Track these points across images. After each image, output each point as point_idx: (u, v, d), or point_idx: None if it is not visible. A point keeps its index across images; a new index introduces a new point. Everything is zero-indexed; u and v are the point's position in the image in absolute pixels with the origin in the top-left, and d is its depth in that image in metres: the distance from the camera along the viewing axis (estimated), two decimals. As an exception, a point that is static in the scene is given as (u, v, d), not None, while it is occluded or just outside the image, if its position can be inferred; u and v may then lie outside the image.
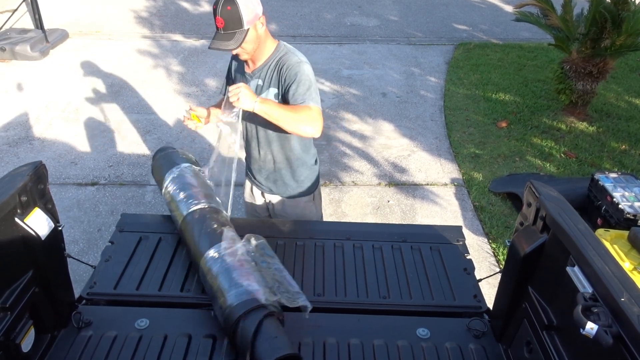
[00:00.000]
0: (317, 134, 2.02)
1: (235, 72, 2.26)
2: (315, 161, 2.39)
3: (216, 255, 1.72)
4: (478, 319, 1.76)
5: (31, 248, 1.52)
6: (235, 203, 2.08)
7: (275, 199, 2.39)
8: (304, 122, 1.97)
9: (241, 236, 1.84)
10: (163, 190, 2.10)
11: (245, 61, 2.15)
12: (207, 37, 7.11)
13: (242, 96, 1.86)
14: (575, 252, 1.30)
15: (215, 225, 1.84)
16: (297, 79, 2.02)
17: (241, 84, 1.90)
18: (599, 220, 3.26)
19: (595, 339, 1.11)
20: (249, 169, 2.43)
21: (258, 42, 2.03)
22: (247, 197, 2.51)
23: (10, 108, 5.09)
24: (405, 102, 5.51)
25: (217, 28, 1.94)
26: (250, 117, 2.16)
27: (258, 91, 2.12)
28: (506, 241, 1.95)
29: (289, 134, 2.14)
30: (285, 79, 2.05)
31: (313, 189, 2.40)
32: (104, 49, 6.62)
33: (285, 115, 1.95)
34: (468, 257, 2.05)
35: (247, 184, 2.49)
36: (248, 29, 1.95)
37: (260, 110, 1.90)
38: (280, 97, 2.10)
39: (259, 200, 2.46)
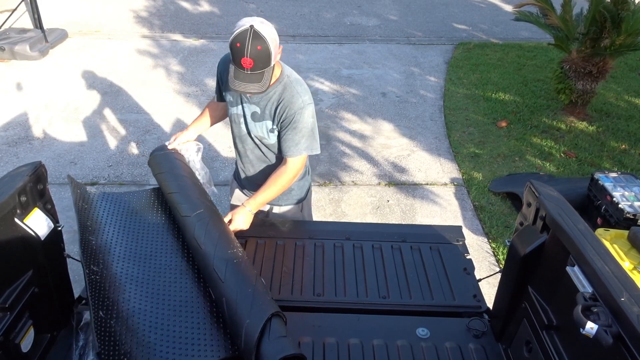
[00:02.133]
0: (299, 174, 2.16)
1: (229, 87, 2.08)
2: (306, 172, 2.34)
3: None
4: (478, 319, 1.76)
5: (31, 248, 1.52)
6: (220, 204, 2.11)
7: (264, 207, 2.36)
8: (287, 183, 2.08)
9: (241, 237, 1.84)
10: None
11: None
12: (206, 37, 7.11)
13: (240, 226, 1.99)
14: (575, 252, 1.30)
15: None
16: (295, 126, 1.97)
17: (234, 219, 1.99)
18: (598, 220, 3.26)
19: (595, 339, 1.11)
20: (237, 177, 2.38)
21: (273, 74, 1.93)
22: (235, 202, 2.45)
23: (10, 108, 5.09)
24: (404, 101, 5.51)
25: (242, 67, 1.77)
26: (241, 137, 2.14)
27: (255, 118, 2.04)
28: (506, 241, 1.95)
29: (280, 158, 2.13)
30: (282, 120, 1.98)
31: (302, 199, 2.36)
32: (103, 48, 6.62)
33: (273, 194, 2.07)
34: (468, 257, 2.06)
35: (236, 190, 2.43)
36: (274, 65, 1.84)
37: (255, 211, 2.06)
38: (276, 132, 2.05)
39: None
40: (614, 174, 3.39)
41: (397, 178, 4.22)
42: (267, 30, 1.78)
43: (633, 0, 4.59)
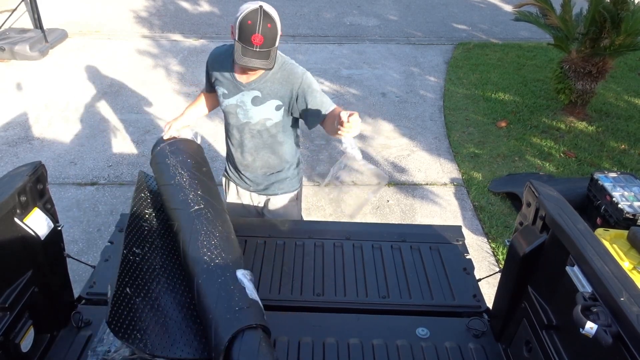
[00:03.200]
0: (295, 162, 2.28)
1: (222, 78, 2.14)
2: (299, 162, 2.39)
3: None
4: (477, 319, 1.76)
5: (31, 248, 1.52)
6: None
7: (261, 198, 2.40)
8: None
9: (241, 237, 1.84)
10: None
11: (236, 70, 2.07)
12: (206, 37, 7.11)
13: (357, 126, 1.80)
14: (575, 252, 1.30)
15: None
16: (312, 89, 2.03)
17: (355, 114, 1.77)
18: (598, 220, 3.27)
19: (594, 339, 1.11)
20: (233, 171, 2.39)
21: None
22: (232, 199, 2.47)
23: (10, 108, 5.09)
24: (404, 102, 5.51)
25: (252, 44, 1.81)
26: (239, 127, 2.16)
27: (256, 103, 2.07)
28: (506, 241, 1.95)
29: (281, 142, 2.19)
30: (294, 91, 2.03)
31: (297, 188, 2.42)
32: (103, 48, 6.62)
33: None
34: (467, 257, 2.06)
35: (231, 185, 2.44)
36: (277, 46, 1.90)
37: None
38: (284, 109, 2.09)
39: (246, 200, 2.45)
40: (613, 174, 3.39)
41: (397, 178, 4.22)
42: (274, 11, 1.86)
43: (632, 0, 4.60)
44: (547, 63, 6.41)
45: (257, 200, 2.42)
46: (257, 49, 1.82)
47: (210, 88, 2.25)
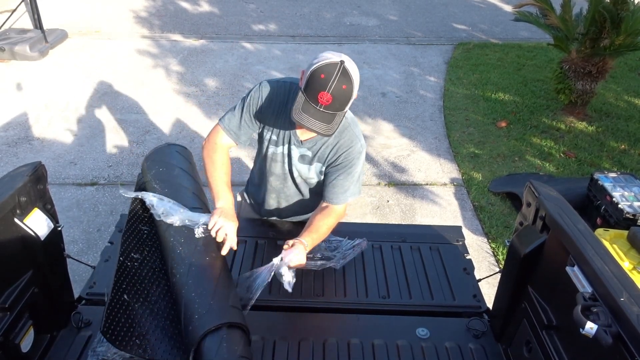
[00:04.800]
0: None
1: (279, 122, 1.84)
2: None
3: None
4: (478, 319, 1.76)
5: (30, 248, 1.52)
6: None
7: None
8: (332, 228, 1.88)
9: (242, 237, 1.83)
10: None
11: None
12: (206, 37, 7.11)
13: (298, 262, 1.67)
14: (575, 252, 1.30)
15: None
16: (350, 172, 1.82)
17: (291, 255, 1.65)
18: (598, 220, 3.26)
19: (594, 339, 1.11)
20: (259, 206, 2.21)
21: None
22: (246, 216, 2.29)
23: (10, 108, 5.09)
24: (404, 102, 5.51)
25: (317, 102, 1.56)
26: (279, 177, 1.98)
27: (303, 161, 1.88)
28: (506, 241, 1.95)
29: (310, 197, 2.04)
30: (337, 163, 1.83)
31: None
32: (103, 49, 6.62)
33: (323, 235, 1.84)
34: (468, 257, 2.06)
35: (248, 208, 2.29)
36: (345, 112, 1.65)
37: (309, 247, 1.75)
38: (321, 172, 1.91)
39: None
40: (613, 174, 3.39)
41: (397, 178, 4.22)
42: (355, 71, 1.61)
43: (632, 0, 4.60)
44: (547, 63, 6.41)
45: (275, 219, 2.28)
46: (322, 109, 1.57)
47: (247, 134, 1.91)
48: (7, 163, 4.24)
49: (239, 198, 2.32)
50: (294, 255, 1.66)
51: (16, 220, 1.47)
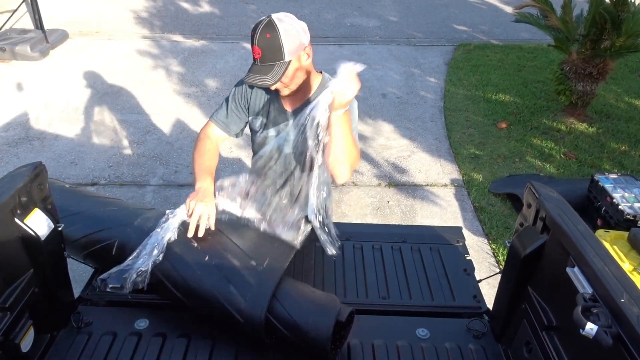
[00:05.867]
0: (344, 179, 1.75)
1: (263, 107, 1.90)
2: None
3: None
4: (478, 320, 1.76)
5: (31, 248, 1.52)
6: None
7: None
8: (351, 160, 1.72)
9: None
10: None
11: (280, 95, 1.84)
12: (207, 37, 7.12)
13: (353, 90, 1.54)
14: (575, 253, 1.30)
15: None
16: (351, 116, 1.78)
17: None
18: (598, 221, 3.26)
19: (594, 340, 1.11)
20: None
21: (302, 76, 1.76)
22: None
23: (10, 108, 5.09)
24: (405, 102, 5.51)
25: (254, 59, 1.67)
26: (283, 160, 1.93)
27: (301, 131, 1.82)
28: (506, 242, 1.95)
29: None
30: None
31: None
32: (103, 49, 6.62)
33: (349, 141, 1.67)
34: (468, 258, 2.06)
35: None
36: (290, 61, 1.67)
37: (341, 118, 1.61)
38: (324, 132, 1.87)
39: None
40: (614, 175, 3.39)
41: (397, 179, 4.22)
42: (286, 22, 1.64)
43: (633, 1, 4.60)
44: (547, 64, 6.42)
45: None
46: (259, 64, 1.66)
47: (237, 124, 1.95)
48: (8, 163, 4.24)
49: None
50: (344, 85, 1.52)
51: (16, 220, 1.47)
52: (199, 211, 1.66)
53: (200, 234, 1.66)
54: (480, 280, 1.96)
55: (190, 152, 4.44)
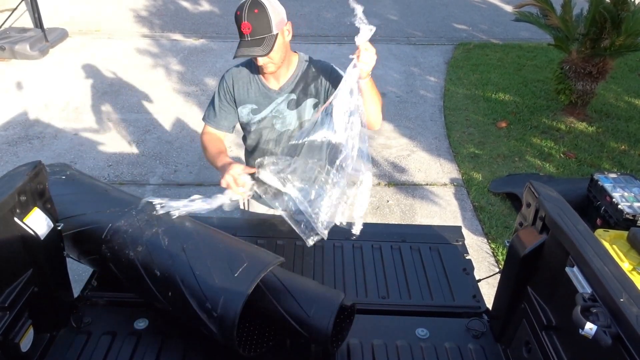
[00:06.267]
0: (380, 125, 1.94)
1: (248, 93, 1.99)
2: None
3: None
4: (477, 319, 1.76)
5: (30, 248, 1.52)
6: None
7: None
8: (380, 108, 1.89)
9: (243, 238, 1.83)
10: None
11: (263, 77, 1.94)
12: (206, 36, 7.11)
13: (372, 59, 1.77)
14: (575, 253, 1.30)
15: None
16: (342, 76, 1.93)
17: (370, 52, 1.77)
18: (598, 221, 3.26)
19: (594, 340, 1.11)
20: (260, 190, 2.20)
21: (285, 52, 1.88)
22: (253, 213, 2.31)
23: (10, 107, 5.09)
24: (404, 102, 5.51)
25: (243, 35, 1.77)
26: (276, 139, 2.02)
27: (292, 106, 1.97)
28: (505, 241, 1.95)
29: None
30: (325, 81, 1.96)
31: None
32: (103, 48, 6.62)
33: (377, 97, 1.85)
34: (467, 257, 2.05)
35: (253, 203, 2.27)
36: (277, 34, 1.80)
37: (369, 83, 1.78)
38: (317, 105, 1.98)
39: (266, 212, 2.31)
40: (613, 175, 3.39)
41: (396, 178, 4.22)
42: (270, 0, 1.80)
43: (633, 0, 4.60)
44: (547, 63, 6.41)
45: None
46: (249, 38, 1.77)
47: (228, 119, 2.04)
48: (7, 162, 4.24)
49: (241, 202, 2.31)
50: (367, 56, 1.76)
51: (16, 219, 1.47)
52: (229, 179, 1.76)
53: (241, 196, 1.78)
54: (479, 280, 1.96)
55: (189, 152, 4.44)
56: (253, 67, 1.97)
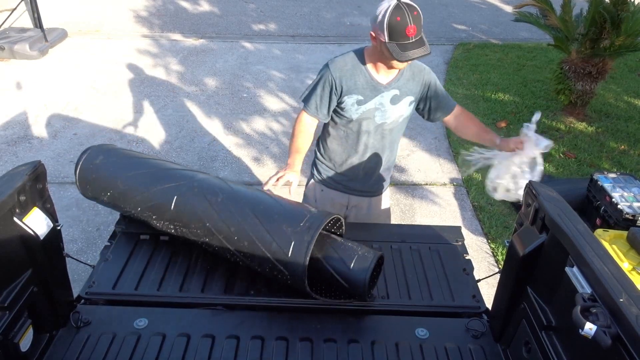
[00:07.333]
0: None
1: (356, 85, 2.05)
2: None
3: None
4: (477, 319, 1.76)
5: (30, 248, 1.52)
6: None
7: (363, 201, 2.39)
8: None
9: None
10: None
11: (374, 69, 2.04)
12: (206, 36, 7.11)
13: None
14: (574, 253, 1.30)
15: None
16: (437, 80, 2.17)
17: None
18: (597, 221, 3.26)
19: (593, 340, 1.11)
20: (345, 179, 2.32)
21: None
22: (323, 202, 2.39)
23: (9, 107, 5.09)
24: (404, 102, 5.51)
25: (408, 37, 1.84)
26: (372, 130, 2.15)
27: (394, 101, 2.09)
28: (505, 241, 1.95)
29: (398, 138, 2.30)
30: (424, 82, 2.13)
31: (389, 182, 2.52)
32: (103, 48, 6.62)
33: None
34: (467, 257, 2.06)
35: (327, 190, 2.37)
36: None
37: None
38: (414, 104, 2.17)
39: (340, 201, 2.40)
40: (613, 175, 3.39)
41: (396, 178, 4.22)
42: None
43: (632, 1, 4.60)
44: (547, 64, 6.42)
45: (356, 202, 2.38)
46: (414, 39, 1.86)
47: (328, 107, 2.12)
48: (7, 162, 4.24)
49: (312, 191, 2.43)
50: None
51: (15, 219, 1.47)
52: (282, 174, 1.98)
53: (275, 187, 1.96)
54: (479, 280, 1.96)
55: (189, 152, 4.46)
56: (358, 60, 2.07)
